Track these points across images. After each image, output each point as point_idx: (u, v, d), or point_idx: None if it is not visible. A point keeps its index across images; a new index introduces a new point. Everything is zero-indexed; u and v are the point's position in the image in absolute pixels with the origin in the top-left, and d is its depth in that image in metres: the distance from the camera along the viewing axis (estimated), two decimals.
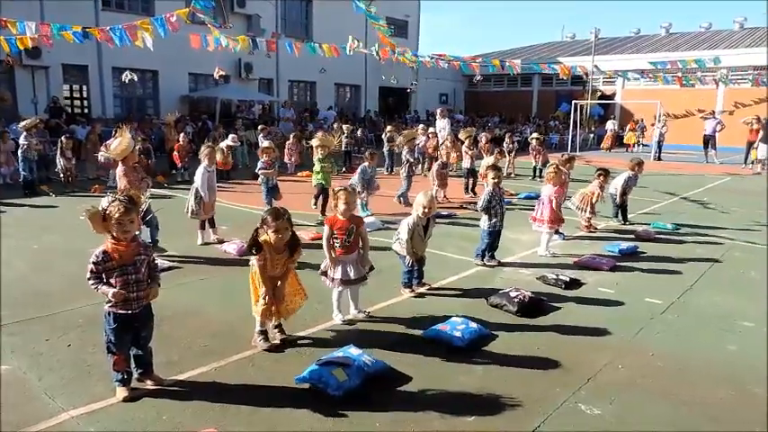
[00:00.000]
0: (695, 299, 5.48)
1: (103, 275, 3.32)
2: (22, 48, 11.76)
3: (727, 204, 10.99)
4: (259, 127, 15.95)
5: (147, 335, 3.56)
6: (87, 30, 11.52)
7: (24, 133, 11.07)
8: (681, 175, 16.04)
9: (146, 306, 3.49)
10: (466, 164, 11.97)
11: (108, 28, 11.36)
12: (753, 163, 17.48)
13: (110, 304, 3.34)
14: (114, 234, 3.32)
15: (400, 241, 5.32)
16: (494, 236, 6.44)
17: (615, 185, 8.89)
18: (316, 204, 8.95)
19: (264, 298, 4.07)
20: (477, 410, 3.38)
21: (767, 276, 6.17)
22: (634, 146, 24.11)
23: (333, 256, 4.62)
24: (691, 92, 23.64)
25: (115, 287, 3.29)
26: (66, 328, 4.44)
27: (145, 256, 3.46)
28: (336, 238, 4.63)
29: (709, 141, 20.23)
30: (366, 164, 9.18)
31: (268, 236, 3.98)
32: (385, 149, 15.28)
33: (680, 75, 20.10)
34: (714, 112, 22.38)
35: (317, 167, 8.85)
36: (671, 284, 5.90)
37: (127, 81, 16.51)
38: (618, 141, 24.97)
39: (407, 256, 5.32)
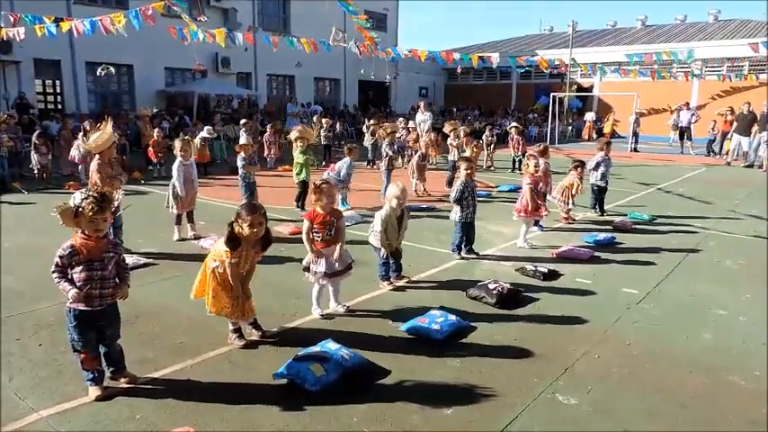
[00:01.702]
0: (671, 288, 5.54)
1: (69, 270, 3.24)
2: None
3: (702, 194, 11.15)
4: (241, 122, 15.69)
5: (113, 333, 3.46)
6: (59, 21, 11.26)
7: None
8: (657, 167, 16.24)
9: (111, 304, 3.39)
10: (452, 157, 11.95)
11: (81, 20, 11.14)
12: (727, 153, 17.77)
13: (70, 301, 3.26)
14: (85, 230, 3.25)
15: (375, 233, 5.30)
16: (466, 227, 6.43)
17: (594, 171, 8.91)
18: (299, 205, 8.67)
19: (237, 299, 3.98)
20: (455, 403, 3.37)
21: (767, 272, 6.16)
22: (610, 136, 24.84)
23: (314, 249, 4.59)
24: (667, 84, 23.96)
25: (78, 281, 3.22)
26: (38, 328, 4.34)
27: (114, 254, 3.38)
28: (317, 232, 4.59)
29: (684, 133, 20.55)
30: (349, 157, 9.13)
31: (243, 230, 3.91)
32: (368, 143, 15.19)
33: (654, 69, 20.31)
34: (688, 103, 22.70)
35: (299, 159, 8.64)
36: (647, 274, 5.97)
37: (103, 74, 16.21)
38: (597, 132, 25.30)
39: (382, 249, 5.31)
